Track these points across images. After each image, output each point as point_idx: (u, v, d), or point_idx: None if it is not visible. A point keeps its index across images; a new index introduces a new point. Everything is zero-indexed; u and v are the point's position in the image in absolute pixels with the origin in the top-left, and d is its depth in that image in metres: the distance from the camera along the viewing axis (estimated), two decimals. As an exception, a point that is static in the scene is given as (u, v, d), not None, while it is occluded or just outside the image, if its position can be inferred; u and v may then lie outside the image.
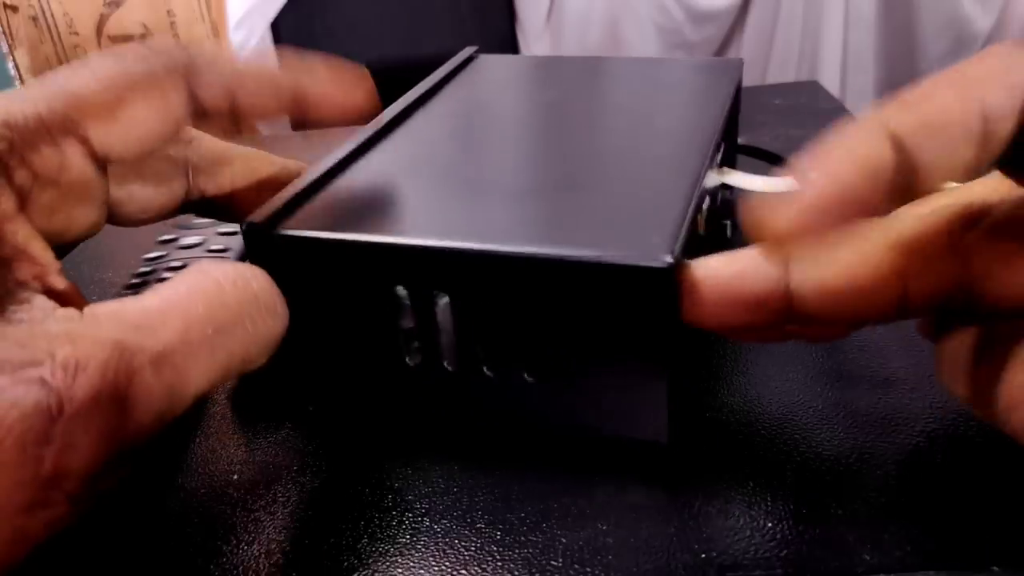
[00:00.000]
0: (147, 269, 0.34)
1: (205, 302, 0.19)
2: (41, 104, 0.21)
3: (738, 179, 0.35)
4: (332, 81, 0.25)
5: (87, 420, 0.16)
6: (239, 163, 0.27)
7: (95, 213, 0.23)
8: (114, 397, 0.16)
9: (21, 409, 0.15)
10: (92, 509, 0.17)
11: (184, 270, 0.19)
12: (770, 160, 0.37)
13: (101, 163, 0.22)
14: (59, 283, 0.20)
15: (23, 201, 0.21)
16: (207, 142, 0.27)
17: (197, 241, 0.36)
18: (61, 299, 0.19)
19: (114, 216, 0.24)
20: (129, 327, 0.17)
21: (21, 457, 0.15)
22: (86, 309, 0.18)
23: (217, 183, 0.27)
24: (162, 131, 0.23)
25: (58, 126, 0.21)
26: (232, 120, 0.24)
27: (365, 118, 0.27)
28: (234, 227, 0.36)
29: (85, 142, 0.21)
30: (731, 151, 0.36)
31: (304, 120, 0.26)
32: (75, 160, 0.21)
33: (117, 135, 0.22)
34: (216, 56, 0.24)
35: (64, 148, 0.21)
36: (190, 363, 0.18)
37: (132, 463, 0.18)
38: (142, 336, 0.17)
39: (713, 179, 0.30)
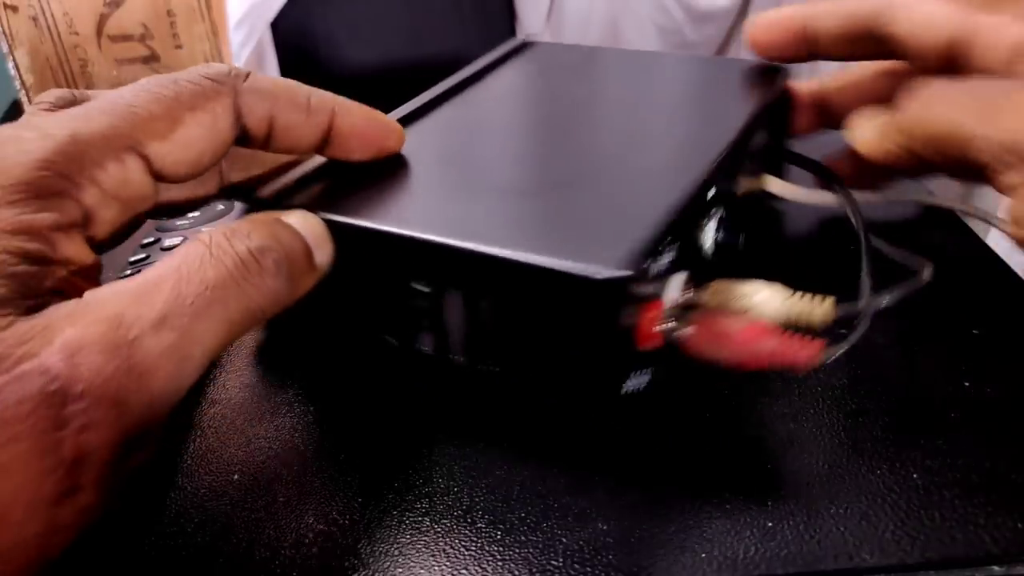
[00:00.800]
0: (132, 272, 0.35)
1: (194, 264, 0.20)
2: (104, 123, 0.21)
3: (778, 187, 0.33)
4: (366, 121, 0.27)
5: (98, 396, 0.17)
6: (269, 157, 0.28)
7: (142, 219, 0.24)
8: (120, 368, 0.17)
9: (27, 404, 0.16)
10: (119, 498, 0.18)
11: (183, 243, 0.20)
12: (820, 174, 0.35)
13: (157, 177, 0.23)
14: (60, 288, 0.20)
15: (89, 218, 0.21)
16: None
17: (179, 243, 0.36)
18: None
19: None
20: (126, 299, 0.18)
21: (39, 446, 0.16)
22: (88, 292, 0.19)
23: (247, 174, 0.28)
24: (213, 152, 0.23)
25: (121, 143, 0.21)
26: (265, 145, 0.25)
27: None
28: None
29: (145, 159, 0.22)
30: (776, 160, 0.35)
31: (327, 154, 0.27)
32: (136, 176, 0.22)
33: (173, 155, 0.22)
34: (259, 81, 0.24)
35: (127, 164, 0.21)
36: (191, 322, 0.19)
37: (153, 443, 0.19)
38: (139, 305, 0.18)
39: (741, 185, 0.30)
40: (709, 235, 0.27)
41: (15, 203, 0.19)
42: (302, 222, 0.23)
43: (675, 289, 0.24)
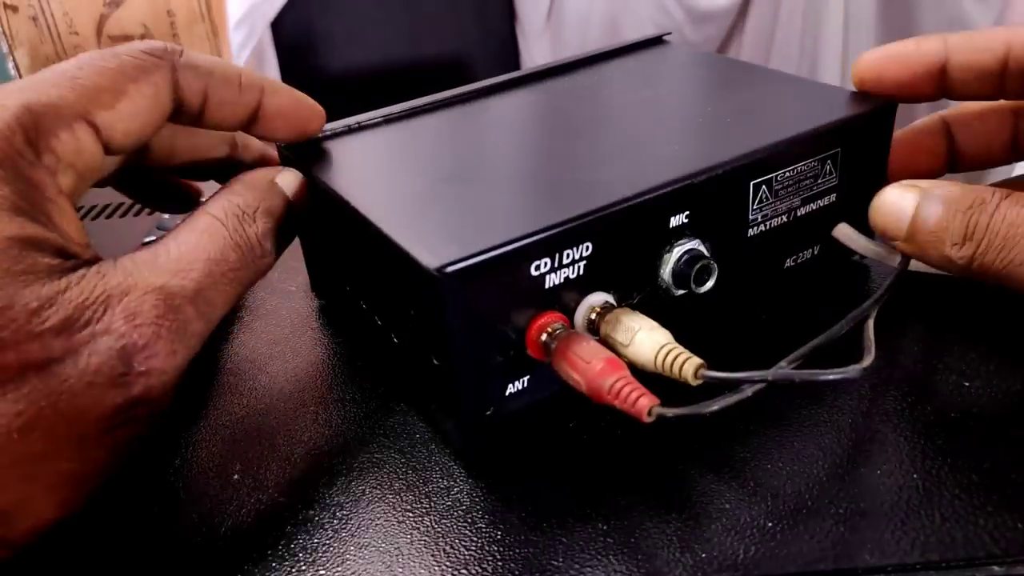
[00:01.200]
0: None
1: (219, 246, 0.24)
2: (54, 94, 0.22)
3: (845, 235, 0.30)
4: (292, 103, 0.28)
5: (156, 350, 0.21)
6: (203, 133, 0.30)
7: (88, 189, 0.24)
8: (170, 329, 0.21)
9: (100, 356, 0.20)
10: (159, 428, 0.22)
11: (193, 216, 0.24)
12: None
13: (107, 147, 0.23)
14: (92, 257, 0.22)
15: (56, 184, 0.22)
16: None
17: None
18: None
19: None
20: (167, 273, 0.22)
21: (111, 389, 0.20)
22: (122, 259, 0.22)
23: (186, 150, 0.30)
24: (154, 124, 0.24)
25: (71, 112, 0.22)
26: (197, 120, 0.26)
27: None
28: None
29: (95, 128, 0.22)
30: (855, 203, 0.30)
31: (253, 131, 0.28)
32: (88, 145, 0.22)
33: (121, 125, 0.23)
34: (195, 57, 0.26)
35: (78, 133, 0.22)
36: (217, 295, 0.23)
37: (177, 382, 0.22)
38: (179, 279, 0.22)
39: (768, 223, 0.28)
40: (668, 266, 0.26)
41: (4, 180, 0.20)
42: (290, 181, 0.27)
43: (588, 306, 0.24)
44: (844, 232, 0.30)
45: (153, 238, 0.37)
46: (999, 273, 0.25)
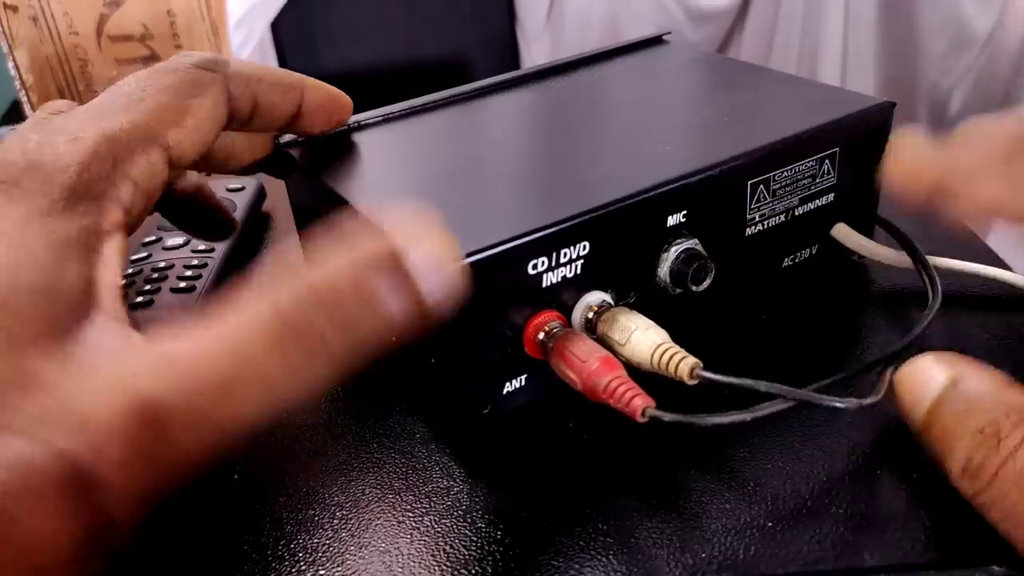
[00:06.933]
0: (133, 271, 0.35)
1: (238, 357, 0.17)
2: (126, 120, 0.22)
3: (844, 236, 0.30)
4: (327, 96, 0.29)
5: (121, 487, 0.16)
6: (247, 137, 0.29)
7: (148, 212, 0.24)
8: (146, 466, 0.17)
9: (51, 484, 0.16)
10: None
11: (246, 282, 0.18)
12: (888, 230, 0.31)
13: (173, 164, 0.23)
14: (119, 306, 0.19)
15: (126, 214, 0.21)
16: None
17: (181, 242, 0.36)
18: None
19: None
20: (152, 370, 0.17)
21: (68, 524, 0.16)
22: (129, 343, 0.18)
23: (231, 155, 0.29)
24: (214, 133, 0.25)
25: (145, 136, 0.22)
26: (246, 125, 0.27)
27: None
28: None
29: (167, 148, 0.22)
30: (860, 216, 0.31)
31: (294, 128, 0.28)
32: (159, 167, 0.22)
33: (188, 140, 0.23)
34: (244, 66, 0.26)
35: (152, 156, 0.22)
36: (228, 416, 0.17)
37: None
38: (164, 381, 0.17)
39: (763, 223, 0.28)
40: (666, 265, 0.26)
41: (64, 211, 0.19)
42: (430, 256, 0.18)
43: (585, 305, 0.24)
44: (843, 232, 0.30)
45: (154, 238, 0.37)
46: (996, 525, 0.20)
